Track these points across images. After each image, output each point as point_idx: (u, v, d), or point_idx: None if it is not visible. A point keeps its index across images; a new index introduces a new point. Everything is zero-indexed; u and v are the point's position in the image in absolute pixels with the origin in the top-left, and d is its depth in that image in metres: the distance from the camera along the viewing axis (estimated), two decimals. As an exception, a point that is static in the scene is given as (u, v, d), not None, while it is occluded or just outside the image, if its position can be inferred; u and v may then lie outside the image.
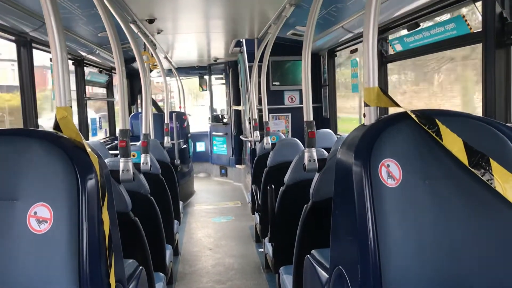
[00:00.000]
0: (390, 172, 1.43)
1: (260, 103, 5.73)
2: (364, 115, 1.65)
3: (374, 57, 1.64)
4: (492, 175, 1.43)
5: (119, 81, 2.75)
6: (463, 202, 1.45)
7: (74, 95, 5.58)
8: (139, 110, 9.28)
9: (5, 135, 1.54)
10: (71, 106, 1.67)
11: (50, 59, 4.36)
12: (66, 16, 3.79)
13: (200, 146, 10.69)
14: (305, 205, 2.80)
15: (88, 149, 1.52)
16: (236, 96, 8.79)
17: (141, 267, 2.14)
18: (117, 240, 1.63)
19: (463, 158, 1.45)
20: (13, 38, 3.81)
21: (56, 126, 1.60)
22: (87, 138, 5.78)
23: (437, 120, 1.49)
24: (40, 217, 1.40)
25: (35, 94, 4.01)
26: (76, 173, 1.44)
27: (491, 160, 1.43)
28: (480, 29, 2.78)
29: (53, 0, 1.66)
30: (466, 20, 2.97)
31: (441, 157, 1.48)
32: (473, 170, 1.44)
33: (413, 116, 1.51)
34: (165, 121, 6.03)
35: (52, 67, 4.30)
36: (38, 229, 1.40)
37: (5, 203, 1.42)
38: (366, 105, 1.64)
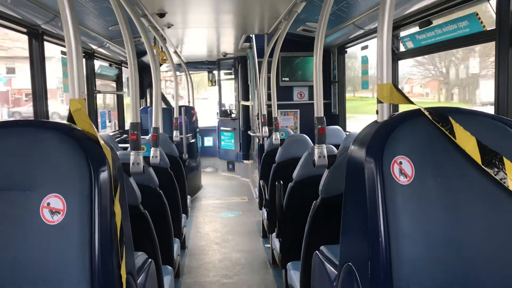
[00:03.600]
0: (403, 169, 1.43)
1: (269, 98, 5.72)
2: (377, 112, 1.64)
3: (388, 53, 1.63)
4: (506, 173, 1.42)
5: (130, 74, 2.76)
6: (475, 200, 1.44)
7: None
8: (148, 104, 9.31)
9: (19, 127, 1.55)
10: (84, 99, 1.69)
11: (62, 52, 4.40)
12: (77, 9, 3.81)
13: (208, 141, 10.71)
14: (314, 201, 2.79)
15: (101, 141, 1.53)
16: (244, 92, 8.79)
17: (150, 259, 2.15)
18: (128, 233, 1.64)
19: (476, 156, 1.44)
20: (25, 30, 3.83)
21: (70, 118, 1.61)
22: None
23: (450, 118, 1.48)
24: (53, 208, 1.42)
25: (46, 86, 4.04)
26: (89, 165, 1.45)
27: (504, 158, 1.43)
28: (494, 27, 2.75)
29: None
30: (479, 18, 2.94)
31: (454, 155, 1.47)
32: (486, 168, 1.43)
33: (426, 113, 1.50)
34: (174, 115, 6.05)
35: (64, 59, 4.34)
36: (51, 220, 1.41)
37: (18, 194, 1.43)
38: (379, 101, 1.63)
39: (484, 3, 2.94)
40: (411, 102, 1.58)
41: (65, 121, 1.62)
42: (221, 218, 6.52)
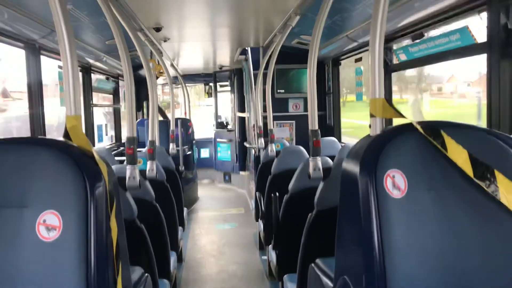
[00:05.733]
0: (396, 183, 1.45)
1: (264, 110, 5.75)
2: (370, 126, 1.66)
3: (380, 68, 1.65)
4: (497, 187, 1.43)
5: (126, 88, 2.78)
6: (468, 213, 1.46)
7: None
8: (145, 117, 9.32)
9: (15, 144, 1.56)
10: (80, 115, 1.70)
11: (59, 66, 4.41)
12: (74, 24, 3.84)
13: (205, 152, 10.71)
14: (310, 214, 2.80)
15: (97, 157, 1.54)
16: (241, 103, 8.82)
17: (146, 274, 2.15)
18: (124, 248, 1.65)
19: (468, 169, 1.46)
20: (22, 45, 3.85)
21: (66, 134, 1.62)
22: (93, 144, 5.80)
23: (442, 132, 1.50)
24: (49, 224, 1.42)
25: (42, 101, 4.05)
26: (85, 181, 1.46)
27: (496, 171, 1.44)
28: (485, 40, 2.80)
29: (63, 8, 1.68)
30: (470, 31, 2.98)
31: (446, 168, 1.49)
32: (478, 181, 1.45)
33: (418, 127, 1.52)
34: (171, 128, 6.06)
35: (60, 74, 4.36)
36: (47, 237, 1.41)
37: (14, 211, 1.44)
38: (371, 115, 1.65)
39: (475, 16, 2.98)
40: (403, 117, 1.60)
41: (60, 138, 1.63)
42: (218, 230, 6.50)
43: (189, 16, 4.22)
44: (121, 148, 6.92)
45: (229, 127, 9.98)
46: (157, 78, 5.80)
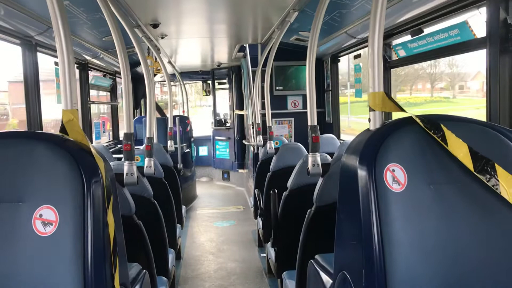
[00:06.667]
0: (395, 176, 1.44)
1: (263, 107, 5.74)
2: (369, 120, 1.65)
3: (380, 62, 1.64)
4: (498, 180, 1.42)
5: (124, 85, 2.76)
6: (468, 207, 1.45)
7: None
8: (143, 114, 9.30)
9: (12, 138, 1.54)
10: (77, 109, 1.68)
11: (55, 62, 4.39)
12: (71, 20, 3.81)
13: (203, 150, 10.70)
14: (309, 210, 2.79)
15: (94, 152, 1.53)
16: (239, 101, 8.81)
17: (144, 270, 2.14)
18: (121, 243, 1.63)
19: (469, 163, 1.45)
20: (18, 41, 3.83)
21: (62, 129, 1.60)
22: (90, 142, 5.77)
23: (442, 125, 1.49)
24: (46, 219, 1.41)
25: (39, 97, 4.03)
26: (81, 176, 1.44)
27: (496, 165, 1.43)
28: (484, 35, 2.79)
29: (60, 4, 1.67)
30: (470, 26, 2.97)
31: (446, 162, 1.48)
32: (478, 175, 1.44)
33: (418, 121, 1.51)
34: (169, 125, 6.04)
35: (57, 70, 4.34)
36: (43, 232, 1.40)
37: (10, 205, 1.42)
38: (371, 109, 1.64)
39: (475, 11, 2.97)
40: (403, 110, 1.59)
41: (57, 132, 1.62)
42: (216, 227, 6.49)
43: (186, 12, 4.20)
44: (119, 145, 6.90)
45: (228, 125, 9.97)
46: (154, 75, 5.77)
